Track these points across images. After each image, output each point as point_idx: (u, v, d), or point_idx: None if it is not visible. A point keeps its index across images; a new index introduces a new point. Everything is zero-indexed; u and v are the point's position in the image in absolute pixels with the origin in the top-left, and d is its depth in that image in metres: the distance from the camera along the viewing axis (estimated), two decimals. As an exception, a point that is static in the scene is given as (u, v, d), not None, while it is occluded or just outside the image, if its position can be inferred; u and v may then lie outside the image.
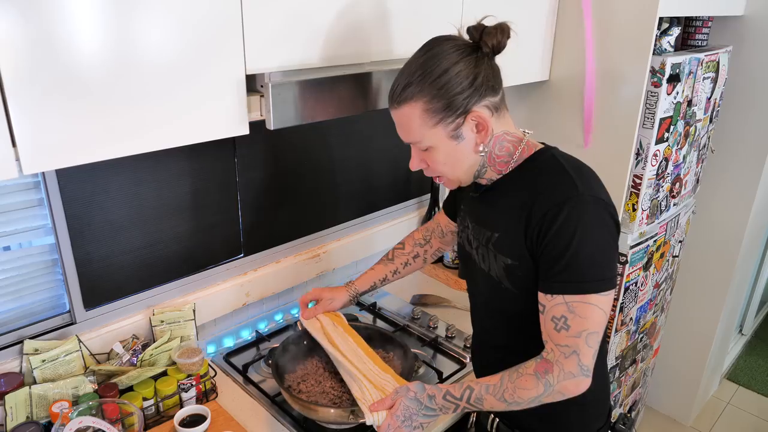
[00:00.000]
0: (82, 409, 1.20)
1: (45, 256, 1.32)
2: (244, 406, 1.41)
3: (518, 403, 1.04)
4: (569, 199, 0.98)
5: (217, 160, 1.53)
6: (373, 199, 2.03)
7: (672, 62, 1.71)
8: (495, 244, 1.09)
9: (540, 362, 1.03)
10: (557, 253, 0.98)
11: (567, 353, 1.00)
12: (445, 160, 1.06)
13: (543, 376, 1.01)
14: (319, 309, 1.47)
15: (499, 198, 1.10)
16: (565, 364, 1.00)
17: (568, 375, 1.00)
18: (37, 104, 0.85)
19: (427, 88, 0.99)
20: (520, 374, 1.04)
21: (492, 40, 1.01)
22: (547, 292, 1.01)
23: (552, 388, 1.01)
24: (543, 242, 1.00)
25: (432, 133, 1.02)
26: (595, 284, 0.98)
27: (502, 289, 1.10)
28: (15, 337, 1.30)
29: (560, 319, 0.99)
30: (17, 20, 0.80)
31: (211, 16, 1.00)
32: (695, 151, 2.13)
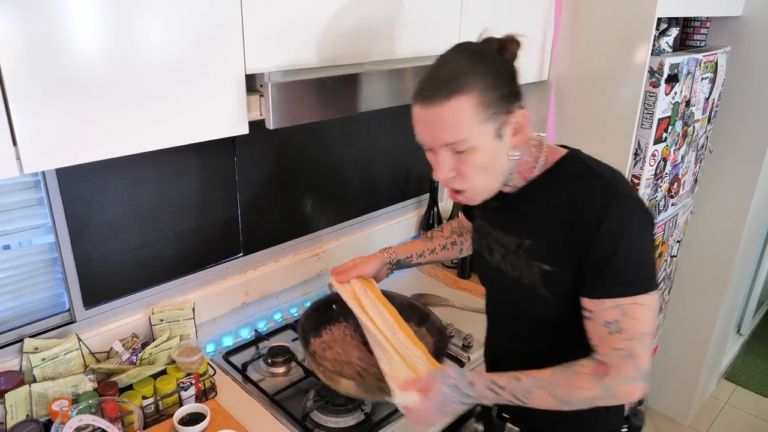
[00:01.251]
0: (81, 408, 1.20)
1: (45, 255, 1.33)
2: (243, 405, 1.42)
3: (570, 402, 1.00)
4: (612, 202, 0.97)
5: (216, 159, 1.54)
6: (372, 198, 2.03)
7: (670, 62, 1.72)
8: (528, 250, 1.07)
9: (597, 364, 0.99)
10: (605, 258, 0.97)
11: (624, 356, 0.97)
12: (483, 163, 0.99)
13: (602, 378, 0.98)
14: (353, 271, 1.34)
15: (529, 204, 1.07)
16: (623, 367, 0.97)
17: (626, 379, 0.98)
18: (38, 103, 0.86)
19: (482, 78, 0.94)
20: (575, 372, 1.00)
21: (514, 47, 1.00)
22: (596, 297, 0.99)
23: (609, 392, 0.98)
24: (589, 248, 0.98)
25: (480, 130, 0.96)
26: (644, 284, 0.97)
27: (536, 296, 1.07)
28: (15, 336, 1.30)
29: (613, 323, 0.98)
30: (18, 20, 0.81)
31: (210, 16, 1.01)
32: (693, 152, 2.14)
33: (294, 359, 1.58)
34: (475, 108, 0.94)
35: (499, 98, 0.96)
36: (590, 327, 1.01)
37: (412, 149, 2.10)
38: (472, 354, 1.63)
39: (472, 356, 1.62)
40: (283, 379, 1.52)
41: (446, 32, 1.47)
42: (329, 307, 1.40)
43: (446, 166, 1.00)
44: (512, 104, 0.98)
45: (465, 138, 0.96)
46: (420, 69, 1.36)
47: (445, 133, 0.97)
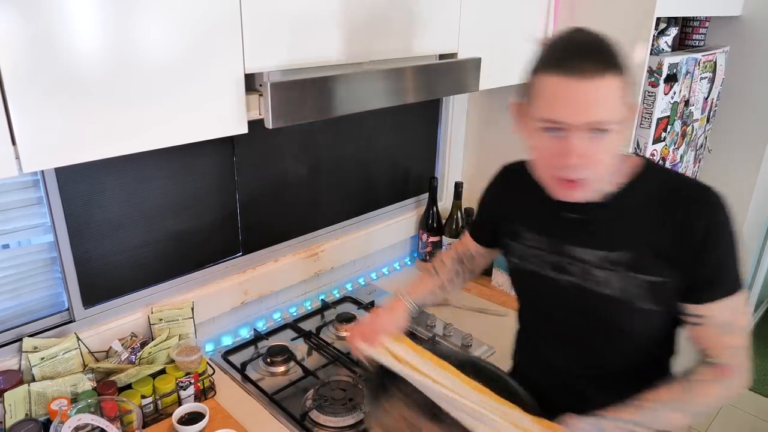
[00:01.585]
0: (80, 407, 1.20)
1: (44, 255, 1.33)
2: (242, 404, 1.42)
3: (701, 412, 1.02)
4: (716, 207, 0.98)
5: (216, 158, 1.54)
6: (371, 198, 2.03)
7: (669, 62, 1.72)
8: (630, 263, 1.01)
9: (716, 368, 1.01)
10: (719, 261, 0.98)
11: (739, 353, 1.01)
12: (614, 148, 0.95)
13: (723, 379, 1.00)
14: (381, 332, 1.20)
15: (617, 215, 1.03)
16: (739, 363, 1.01)
17: (745, 373, 1.02)
18: (37, 103, 0.86)
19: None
20: (696, 383, 1.02)
21: None
22: (710, 301, 0.99)
23: (731, 390, 1.01)
24: (701, 254, 0.97)
25: (622, 112, 0.92)
26: (742, 280, 1.00)
27: (632, 309, 1.03)
28: (14, 335, 1.30)
29: (726, 323, 1.00)
30: (17, 20, 0.81)
31: (210, 15, 1.01)
32: (692, 151, 2.14)
33: (293, 359, 1.58)
34: (623, 89, 0.90)
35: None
36: (701, 332, 1.02)
37: (411, 149, 2.10)
38: (471, 352, 1.64)
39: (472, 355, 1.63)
40: (283, 378, 1.52)
41: (446, 32, 1.47)
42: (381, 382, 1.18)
43: (579, 150, 0.91)
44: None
45: (611, 118, 0.90)
46: (419, 68, 1.36)
47: (595, 110, 0.89)
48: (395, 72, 1.31)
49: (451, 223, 2.07)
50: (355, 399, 1.41)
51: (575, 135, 0.91)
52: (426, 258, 2.14)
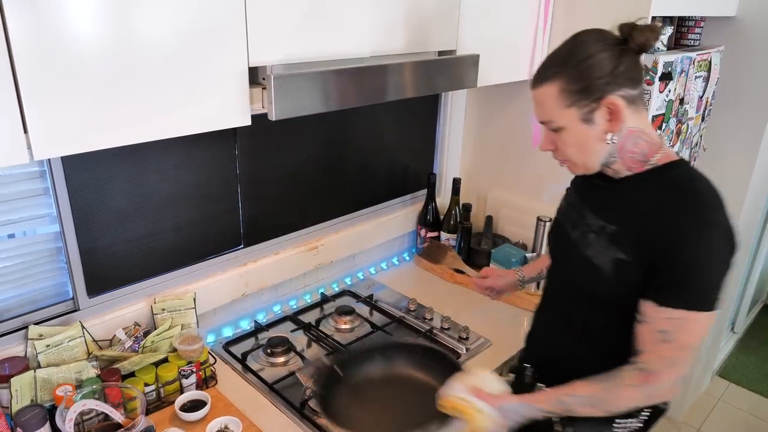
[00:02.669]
0: (85, 393, 1.23)
1: (49, 244, 1.35)
2: (243, 393, 1.44)
3: (615, 411, 1.09)
4: (700, 224, 1.01)
5: (218, 151, 1.56)
6: (371, 193, 2.06)
7: (664, 61, 1.75)
8: (611, 235, 1.11)
9: (640, 374, 1.06)
10: (677, 271, 1.01)
11: (668, 364, 1.04)
12: (574, 142, 1.10)
13: (644, 386, 1.05)
14: (488, 282, 1.57)
15: (627, 193, 1.12)
16: (666, 374, 1.05)
17: (667, 385, 1.05)
18: (47, 93, 0.88)
19: (567, 70, 1.05)
20: (619, 385, 1.07)
21: (641, 37, 1.05)
22: (659, 304, 1.03)
23: (650, 397, 1.07)
24: (664, 257, 1.02)
25: (565, 114, 1.07)
26: (707, 305, 1.02)
27: (602, 276, 1.12)
28: (20, 323, 1.33)
29: (666, 332, 1.03)
30: (29, 13, 0.83)
31: (215, 8, 1.03)
32: (687, 149, 2.17)
33: (293, 349, 1.60)
34: (557, 96, 1.06)
35: (585, 87, 1.04)
36: (642, 330, 1.06)
37: (411, 144, 2.13)
38: (469, 346, 1.66)
39: (468, 348, 1.65)
40: (282, 368, 1.55)
41: (445, 29, 1.50)
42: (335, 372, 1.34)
43: (546, 140, 1.14)
44: (606, 92, 1.04)
45: (552, 119, 1.09)
46: (419, 64, 1.39)
47: (538, 112, 1.12)
48: (396, 67, 1.34)
49: (449, 219, 2.10)
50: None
51: (545, 129, 1.13)
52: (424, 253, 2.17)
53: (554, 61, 1.08)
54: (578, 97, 1.05)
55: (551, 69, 1.07)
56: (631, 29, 1.06)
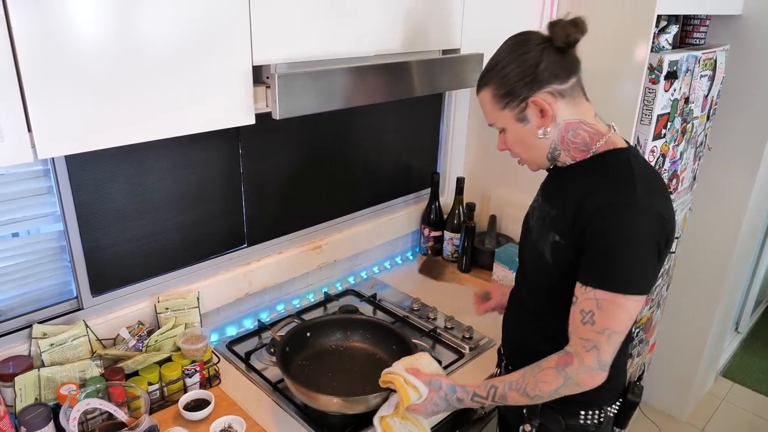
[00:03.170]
0: (89, 392, 1.22)
1: (53, 243, 1.35)
2: (246, 392, 1.44)
3: (540, 396, 1.11)
4: (626, 204, 1.04)
5: (222, 150, 1.56)
6: (374, 192, 2.05)
7: (670, 59, 1.74)
8: (550, 220, 1.17)
9: (562, 356, 1.09)
10: (600, 250, 1.04)
11: (588, 347, 1.06)
12: (517, 141, 1.17)
13: (563, 368, 1.08)
14: (493, 304, 1.57)
15: (566, 181, 1.18)
16: (585, 357, 1.06)
17: (586, 369, 1.07)
18: (51, 92, 0.88)
19: (495, 77, 1.12)
20: (541, 368, 1.11)
21: (561, 32, 1.08)
22: (583, 284, 1.07)
23: (570, 381, 1.08)
24: (590, 236, 1.06)
25: (501, 116, 1.14)
26: (629, 286, 1.03)
27: (542, 261, 1.18)
28: (24, 322, 1.33)
29: (588, 313, 1.05)
30: (33, 11, 0.83)
31: (219, 8, 1.03)
32: (692, 148, 2.16)
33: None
34: (491, 101, 1.14)
35: (510, 91, 1.10)
36: (571, 311, 1.10)
37: (415, 143, 2.12)
38: (473, 345, 1.66)
39: (472, 347, 1.65)
40: (286, 367, 1.55)
41: (449, 27, 1.49)
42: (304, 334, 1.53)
43: (499, 140, 1.21)
44: (530, 91, 1.08)
45: (493, 122, 1.17)
46: (423, 63, 1.39)
47: (485, 116, 1.19)
48: (400, 66, 1.34)
49: (453, 218, 2.09)
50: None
51: (497, 131, 1.20)
52: (427, 252, 2.17)
53: (486, 68, 1.15)
54: (507, 99, 1.11)
55: (485, 76, 1.15)
56: (554, 26, 1.09)
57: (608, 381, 1.20)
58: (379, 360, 1.52)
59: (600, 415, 1.26)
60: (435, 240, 2.14)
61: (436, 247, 2.15)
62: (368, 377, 1.43)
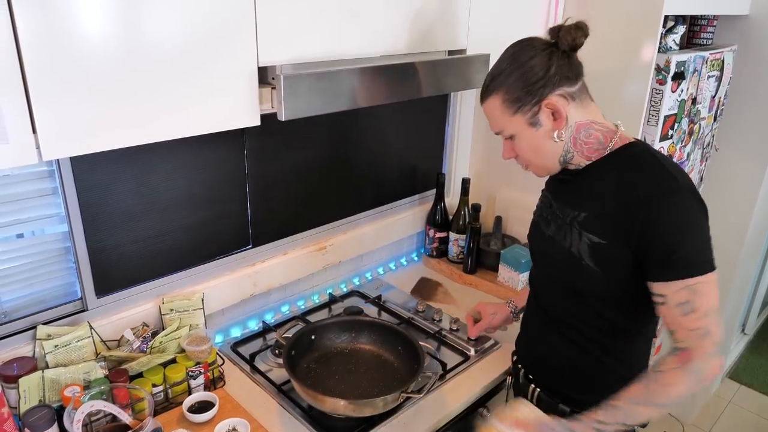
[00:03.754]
0: (93, 394, 1.22)
1: (58, 244, 1.35)
2: (251, 395, 1.44)
3: (669, 403, 1.07)
4: (673, 190, 1.05)
5: (226, 151, 1.56)
6: (379, 193, 2.05)
7: (677, 60, 1.73)
8: (581, 222, 1.15)
9: (678, 354, 1.06)
10: (672, 243, 1.04)
11: (701, 335, 1.04)
12: (528, 147, 1.16)
13: (687, 365, 1.04)
14: (484, 325, 1.60)
15: (588, 180, 1.17)
16: (703, 346, 1.04)
17: (709, 356, 1.04)
18: (56, 93, 0.88)
19: (504, 81, 1.11)
20: (662, 372, 1.07)
21: (567, 36, 1.09)
22: (666, 280, 1.05)
23: (699, 374, 1.05)
24: (651, 230, 1.05)
25: (512, 122, 1.14)
26: (707, 264, 1.05)
27: (582, 266, 1.15)
28: (28, 323, 1.32)
29: (685, 303, 1.04)
30: (38, 13, 0.83)
31: (224, 10, 1.02)
32: (699, 149, 2.15)
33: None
34: (501, 107, 1.13)
35: (523, 94, 1.10)
36: (665, 312, 1.08)
37: (420, 144, 2.12)
38: (478, 347, 1.65)
39: (477, 349, 1.64)
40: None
41: (455, 28, 1.49)
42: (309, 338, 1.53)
43: (506, 149, 1.21)
44: (543, 94, 1.09)
45: (502, 129, 1.17)
46: (429, 64, 1.38)
47: (491, 125, 1.19)
48: (405, 67, 1.33)
49: (458, 219, 2.08)
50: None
51: (503, 139, 1.20)
52: (432, 254, 2.16)
53: (492, 75, 1.14)
54: (519, 104, 1.11)
55: (491, 84, 1.14)
56: (558, 31, 1.10)
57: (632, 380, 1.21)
58: (385, 362, 1.51)
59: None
60: (440, 241, 2.14)
61: (441, 248, 2.15)
62: (375, 379, 1.45)
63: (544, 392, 1.33)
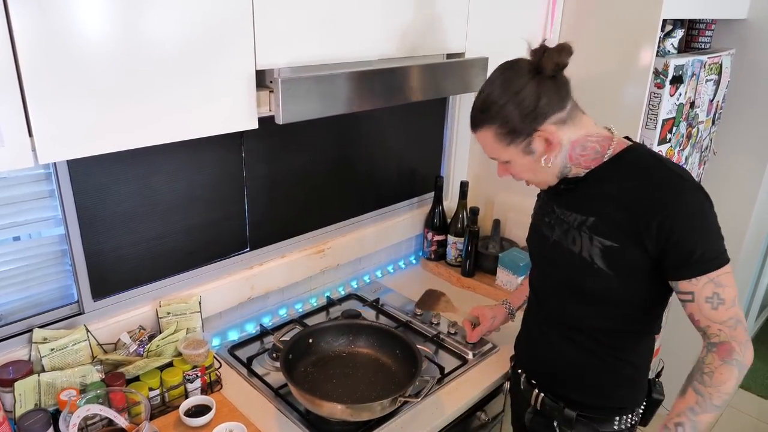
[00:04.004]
0: (89, 397, 1.21)
1: (54, 247, 1.34)
2: (248, 398, 1.43)
3: (725, 401, 1.07)
4: (682, 188, 1.07)
5: (225, 154, 1.55)
6: (378, 196, 2.04)
7: (675, 64, 1.73)
8: (591, 227, 1.15)
9: (717, 351, 1.07)
10: (691, 241, 1.05)
11: (733, 325, 1.06)
12: (524, 170, 1.18)
13: (731, 358, 1.05)
14: (484, 329, 1.61)
15: (596, 186, 1.16)
16: (737, 335, 1.06)
17: (745, 345, 1.06)
18: (52, 96, 0.87)
19: (494, 118, 1.11)
20: (709, 373, 1.07)
21: (549, 62, 1.07)
22: (692, 277, 1.06)
23: (742, 365, 1.05)
24: (669, 233, 1.05)
25: (507, 151, 1.14)
26: (725, 255, 1.06)
27: (593, 269, 1.15)
28: (24, 326, 1.32)
29: (713, 297, 1.06)
30: (34, 15, 0.83)
31: (222, 12, 1.02)
32: (697, 153, 2.15)
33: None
34: (494, 139, 1.13)
35: (514, 128, 1.10)
36: (694, 309, 1.08)
37: (418, 147, 2.11)
38: (476, 351, 1.64)
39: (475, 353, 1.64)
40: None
41: (453, 31, 1.49)
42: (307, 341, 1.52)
43: (501, 169, 1.22)
44: (535, 125, 1.09)
45: (497, 157, 1.17)
46: (427, 67, 1.38)
47: (485, 151, 1.19)
48: (403, 70, 1.33)
49: (456, 222, 2.08)
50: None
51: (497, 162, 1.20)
52: (431, 257, 2.15)
53: (482, 106, 1.13)
54: (513, 136, 1.11)
55: (479, 117, 1.13)
56: (541, 55, 1.08)
57: (639, 381, 1.26)
58: (383, 365, 1.51)
59: (633, 419, 1.27)
60: (438, 244, 2.13)
61: (439, 251, 2.14)
62: (373, 383, 1.44)
63: (548, 397, 1.33)
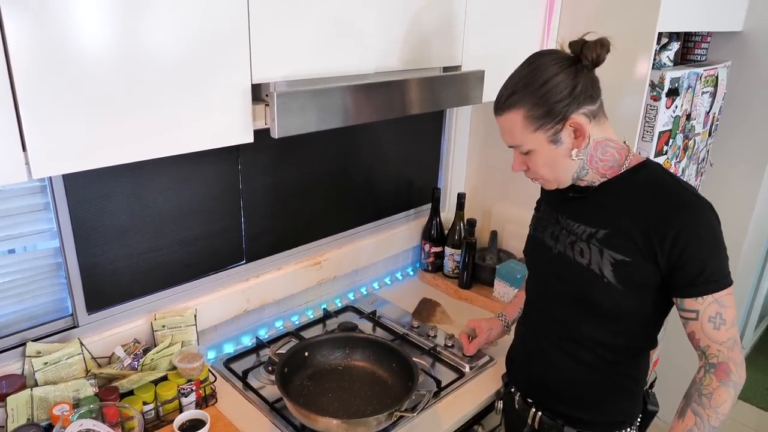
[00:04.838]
0: (82, 412, 1.20)
1: (49, 260, 1.34)
2: (243, 412, 1.42)
3: (722, 421, 1.08)
4: (697, 208, 1.08)
5: (220, 166, 1.55)
6: (375, 208, 2.04)
7: (671, 76, 1.74)
8: (601, 240, 1.14)
9: (716, 371, 1.07)
10: (703, 260, 1.06)
11: (731, 346, 1.07)
12: (545, 162, 1.14)
13: (728, 380, 1.06)
14: (482, 341, 1.62)
15: (609, 198, 1.16)
16: (734, 356, 1.07)
17: (740, 366, 1.07)
18: (47, 110, 0.87)
19: (528, 97, 1.08)
20: (708, 395, 1.08)
21: (591, 53, 1.08)
22: (699, 296, 1.07)
23: (737, 386, 1.07)
24: (681, 250, 1.05)
25: (532, 138, 1.11)
26: (730, 276, 1.08)
27: (602, 282, 1.14)
28: (18, 340, 1.31)
29: (716, 316, 1.07)
30: (30, 27, 0.82)
31: (218, 26, 1.02)
32: (694, 165, 2.15)
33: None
34: (523, 122, 1.09)
35: (548, 111, 1.07)
36: (696, 328, 1.09)
37: (416, 159, 2.11)
38: (473, 364, 1.64)
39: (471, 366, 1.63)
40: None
41: (450, 45, 1.49)
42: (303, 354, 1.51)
43: (518, 162, 1.18)
44: (568, 112, 1.07)
45: (521, 144, 1.13)
46: (424, 81, 1.38)
47: (506, 137, 1.16)
48: (400, 84, 1.33)
49: (454, 234, 2.08)
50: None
51: (515, 152, 1.17)
52: (428, 268, 2.15)
53: (514, 88, 1.10)
54: (543, 121, 1.08)
55: (512, 96, 1.10)
56: (581, 46, 1.09)
57: (637, 394, 1.26)
58: (379, 379, 1.50)
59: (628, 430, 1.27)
60: (435, 256, 2.13)
61: (436, 263, 2.14)
62: (369, 397, 1.43)
63: (546, 415, 1.31)
